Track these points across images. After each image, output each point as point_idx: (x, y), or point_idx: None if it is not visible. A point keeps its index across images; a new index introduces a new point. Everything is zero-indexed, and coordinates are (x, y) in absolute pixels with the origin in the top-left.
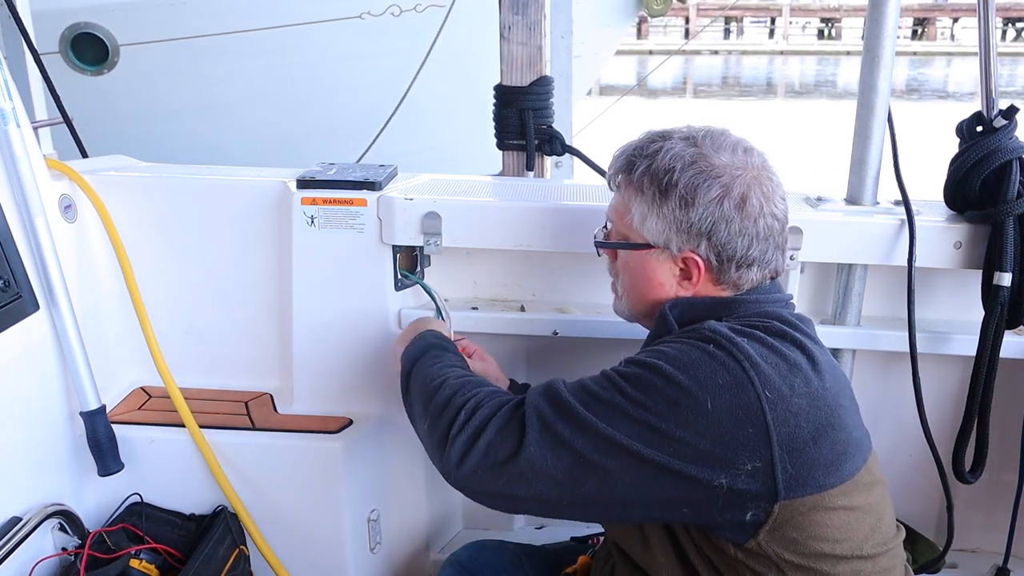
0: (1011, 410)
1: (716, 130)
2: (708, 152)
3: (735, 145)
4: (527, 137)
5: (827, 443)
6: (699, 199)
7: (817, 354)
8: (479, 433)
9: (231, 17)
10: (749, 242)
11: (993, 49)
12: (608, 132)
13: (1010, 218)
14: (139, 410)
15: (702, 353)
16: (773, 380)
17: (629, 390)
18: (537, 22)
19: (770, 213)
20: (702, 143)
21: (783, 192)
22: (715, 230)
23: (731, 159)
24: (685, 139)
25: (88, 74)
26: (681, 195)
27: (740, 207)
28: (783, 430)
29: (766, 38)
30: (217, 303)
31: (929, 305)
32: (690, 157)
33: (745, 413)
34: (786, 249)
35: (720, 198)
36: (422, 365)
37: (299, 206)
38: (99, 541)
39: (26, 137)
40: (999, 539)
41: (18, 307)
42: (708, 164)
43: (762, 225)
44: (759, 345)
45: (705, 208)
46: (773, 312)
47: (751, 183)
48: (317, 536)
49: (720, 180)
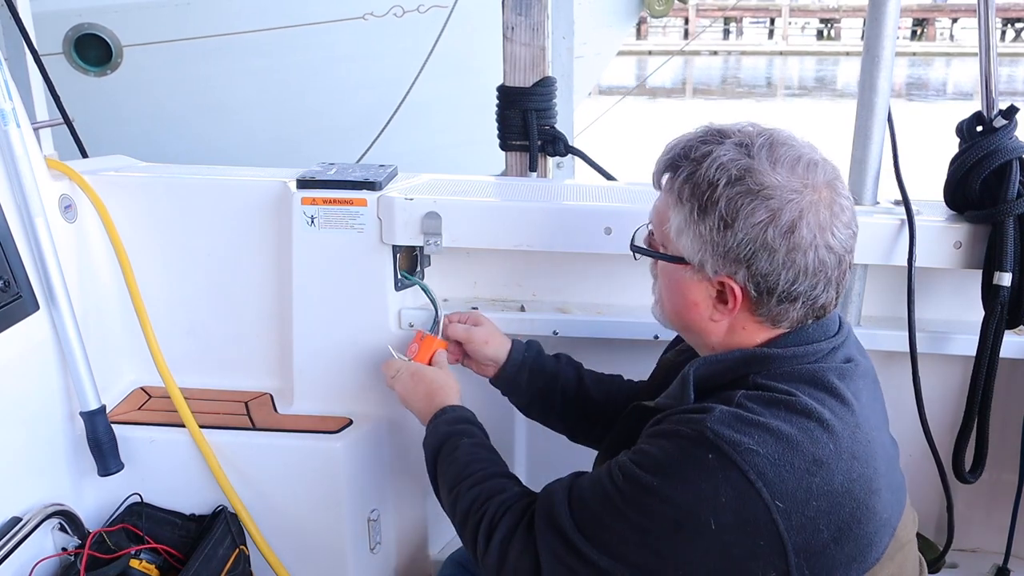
0: (1011, 410)
1: (780, 136)
2: (762, 167)
3: (797, 159)
4: (530, 138)
5: (850, 541)
6: (740, 222)
7: (849, 423)
8: (502, 559)
9: (235, 18)
10: (795, 276)
11: (993, 49)
12: (608, 133)
13: (1010, 218)
14: (139, 410)
15: (701, 467)
16: (787, 486)
17: (631, 514)
18: (540, 23)
19: (824, 245)
20: (757, 154)
21: (848, 218)
22: (756, 259)
23: (787, 178)
24: (739, 145)
25: (91, 75)
26: (721, 215)
27: (788, 236)
28: (799, 538)
29: (765, 39)
30: (217, 303)
31: (929, 305)
32: (738, 171)
33: (754, 527)
34: (843, 284)
35: (765, 224)
36: (443, 464)
37: (299, 206)
38: (99, 541)
39: (26, 137)
40: (999, 539)
41: (18, 307)
42: (757, 182)
43: (812, 258)
44: (775, 439)
45: (746, 233)
46: (808, 373)
47: (806, 208)
48: (317, 536)
49: (769, 203)
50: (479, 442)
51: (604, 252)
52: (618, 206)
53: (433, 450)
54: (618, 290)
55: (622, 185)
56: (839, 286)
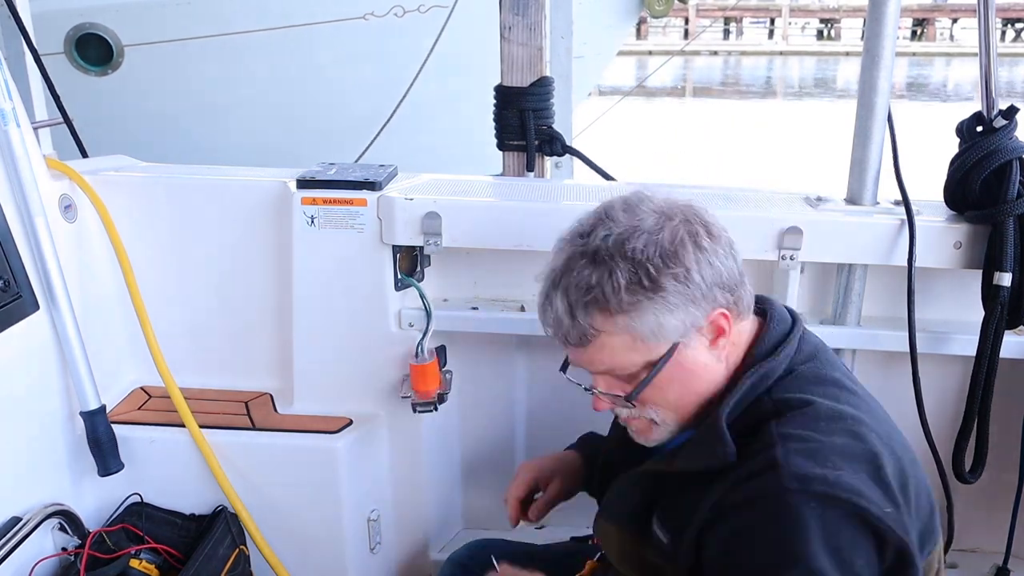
0: (1011, 410)
1: (616, 201)
2: (645, 217)
3: (645, 196)
4: (527, 138)
5: (925, 512)
6: (686, 261)
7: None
8: None
9: (235, 18)
10: (733, 261)
11: (993, 49)
12: (608, 133)
13: (1010, 218)
14: (139, 410)
15: (814, 518)
16: (876, 493)
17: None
18: (537, 23)
19: (724, 228)
20: (627, 215)
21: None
22: (715, 275)
23: (658, 207)
24: (601, 224)
25: (92, 75)
26: (673, 272)
27: (711, 236)
28: (911, 532)
29: (765, 39)
30: (217, 303)
31: (929, 305)
32: (638, 232)
33: (882, 544)
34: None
35: (695, 244)
36: None
37: (299, 206)
38: (99, 541)
39: (26, 137)
40: (999, 539)
41: (18, 307)
42: (657, 227)
43: (726, 241)
44: (840, 454)
45: (696, 263)
46: (808, 373)
47: (697, 211)
48: (317, 536)
49: (678, 232)
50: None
51: None
52: None
53: None
54: None
55: (622, 185)
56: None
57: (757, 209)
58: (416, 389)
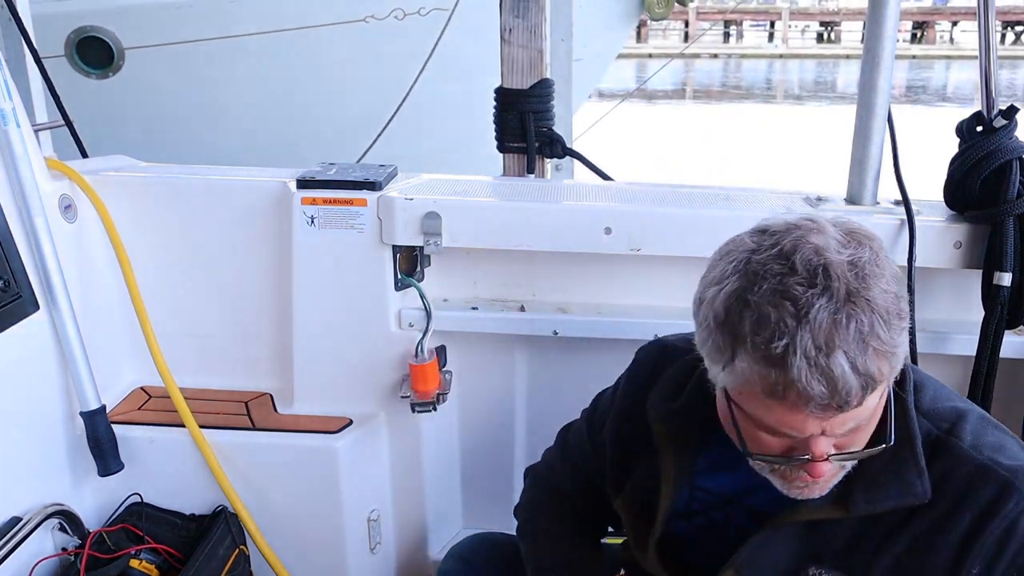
0: (1011, 410)
1: (788, 230)
2: (850, 250)
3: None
4: (528, 140)
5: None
6: (896, 276)
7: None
8: None
9: (236, 21)
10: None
11: (993, 49)
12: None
13: (1010, 218)
14: (139, 410)
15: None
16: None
17: None
18: (537, 25)
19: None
20: (813, 240)
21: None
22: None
23: (838, 232)
24: (837, 288)
25: (93, 77)
26: (903, 295)
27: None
28: None
29: (765, 41)
30: (217, 303)
31: (929, 305)
32: (873, 266)
33: None
34: None
35: (887, 262)
36: None
37: (299, 206)
38: (99, 541)
39: (26, 137)
40: None
41: (18, 307)
42: (873, 252)
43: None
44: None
45: (893, 278)
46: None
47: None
48: (317, 536)
49: (879, 254)
50: None
51: (604, 252)
52: (618, 206)
53: None
54: (618, 290)
55: (622, 185)
56: None
57: (757, 209)
58: (416, 389)
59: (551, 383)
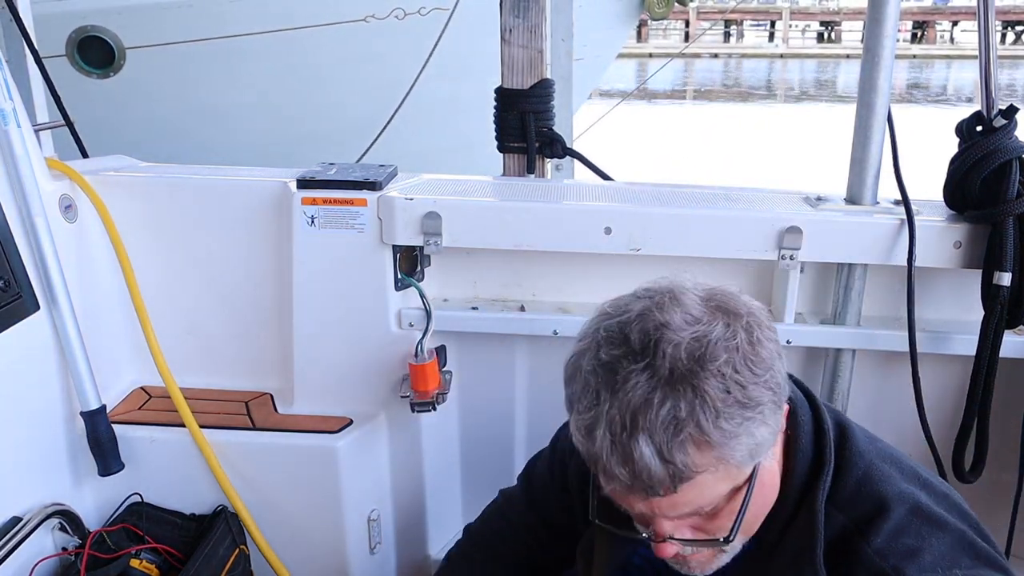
0: (1011, 410)
1: (663, 299)
2: (698, 326)
3: (689, 295)
4: (528, 140)
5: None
6: (769, 360)
7: (909, 473)
8: None
9: (237, 21)
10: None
11: (993, 49)
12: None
13: (1010, 218)
14: (139, 410)
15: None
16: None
17: None
18: (538, 25)
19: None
20: (682, 323)
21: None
22: (781, 370)
23: (702, 306)
24: (650, 368)
25: (94, 77)
26: (764, 381)
27: (765, 329)
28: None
29: (766, 41)
30: (217, 303)
31: (929, 305)
32: (720, 348)
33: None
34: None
35: (770, 343)
36: None
37: (299, 206)
38: (99, 541)
39: (27, 137)
40: (999, 539)
41: (18, 307)
42: (731, 333)
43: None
44: (940, 546)
45: (771, 361)
46: (854, 457)
47: (752, 309)
48: (317, 536)
49: (752, 332)
50: None
51: (604, 252)
52: (618, 206)
53: None
54: (618, 290)
55: (622, 185)
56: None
57: (757, 209)
58: (415, 389)
59: (551, 383)
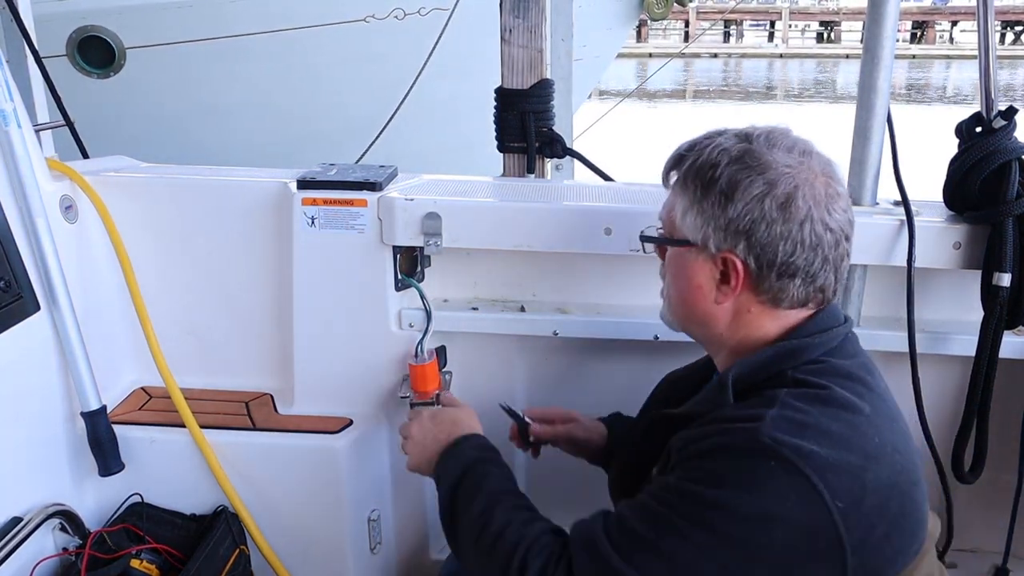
0: (1011, 410)
1: (779, 128)
2: (759, 149)
3: (793, 145)
4: (528, 140)
5: (899, 534)
6: (739, 195)
7: (885, 415)
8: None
9: (237, 21)
10: (792, 248)
11: (992, 50)
12: (608, 135)
13: (1009, 218)
14: (140, 410)
15: (766, 476)
16: (844, 485)
17: (692, 532)
18: (537, 25)
19: (820, 219)
20: (755, 139)
21: (845, 204)
22: (754, 229)
23: (784, 157)
24: (738, 135)
25: (95, 77)
26: (722, 190)
27: (784, 207)
28: (856, 536)
29: (765, 41)
30: (218, 303)
31: (929, 305)
32: (737, 152)
33: (817, 531)
34: (842, 269)
35: (762, 195)
36: (463, 494)
37: (299, 206)
38: (100, 541)
39: (27, 138)
40: (998, 539)
41: (19, 308)
42: (755, 160)
43: (808, 231)
44: (829, 438)
45: (745, 204)
46: (842, 369)
47: (801, 183)
48: (317, 536)
49: (765, 176)
50: (508, 473)
51: (604, 252)
52: (618, 206)
53: (462, 467)
54: (618, 290)
55: (622, 185)
56: (837, 270)
57: None
58: (415, 389)
59: (551, 383)
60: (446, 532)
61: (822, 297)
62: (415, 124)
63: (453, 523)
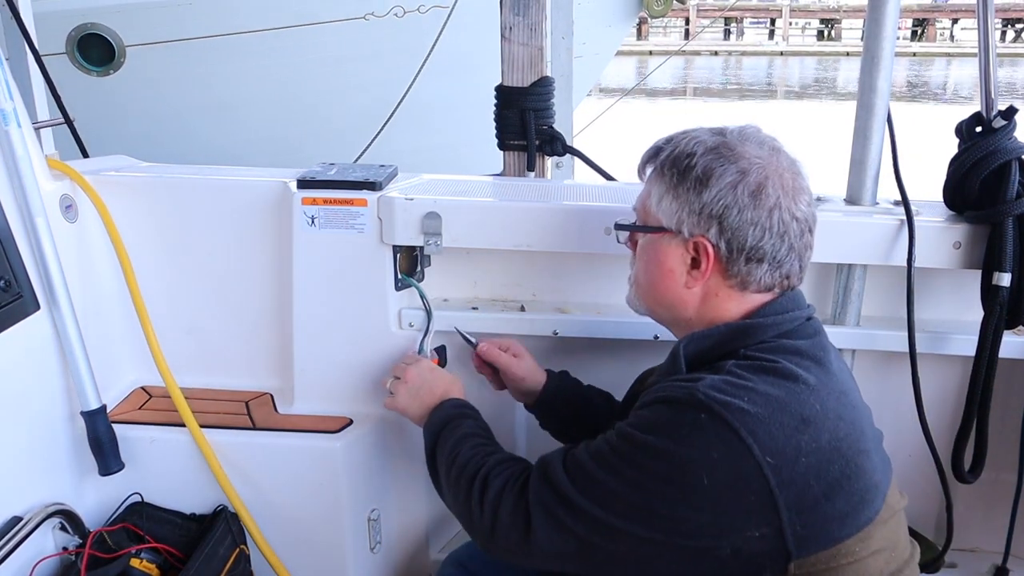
0: (1011, 410)
1: (750, 126)
2: (733, 141)
3: (763, 141)
4: (528, 137)
5: (842, 496)
6: (713, 181)
7: (833, 388)
8: (494, 517)
9: (237, 18)
10: (761, 234)
11: (992, 49)
12: (608, 133)
13: (1009, 218)
14: (140, 410)
15: (694, 426)
16: (776, 443)
17: (625, 470)
18: (538, 23)
19: (787, 208)
20: (729, 134)
21: (810, 199)
22: (726, 214)
23: (756, 150)
24: (712, 130)
25: (94, 75)
26: (697, 176)
27: (755, 195)
28: (790, 492)
29: (766, 39)
30: (218, 303)
31: (928, 305)
32: (712, 143)
33: (746, 483)
34: (806, 258)
35: (735, 183)
36: (446, 434)
37: (299, 206)
38: (100, 541)
39: (27, 137)
40: (998, 539)
41: (19, 307)
42: (729, 150)
43: (776, 219)
44: (764, 399)
45: (719, 191)
46: (792, 347)
47: (771, 174)
48: (317, 536)
49: (738, 165)
50: (485, 427)
51: (604, 252)
52: (618, 206)
53: (439, 423)
54: (618, 290)
55: (622, 185)
56: (802, 259)
57: None
58: None
59: None
60: (431, 475)
61: (787, 283)
62: (415, 121)
63: (433, 464)
